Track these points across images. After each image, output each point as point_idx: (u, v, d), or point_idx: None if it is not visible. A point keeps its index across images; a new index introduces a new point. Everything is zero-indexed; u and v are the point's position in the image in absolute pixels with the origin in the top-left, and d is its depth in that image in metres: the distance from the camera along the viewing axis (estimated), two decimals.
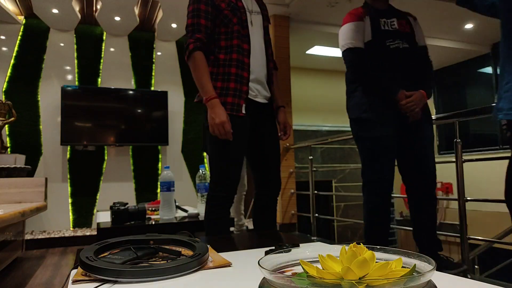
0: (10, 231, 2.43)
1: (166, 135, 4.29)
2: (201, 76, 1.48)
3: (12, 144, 3.82)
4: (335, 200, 5.49)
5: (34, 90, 3.96)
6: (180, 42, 4.63)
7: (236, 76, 1.51)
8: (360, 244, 0.48)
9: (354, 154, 5.80)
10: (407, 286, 0.39)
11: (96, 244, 0.80)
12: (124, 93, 4.19)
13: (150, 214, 2.03)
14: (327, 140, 3.77)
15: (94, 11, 3.99)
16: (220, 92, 1.50)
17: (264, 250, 0.88)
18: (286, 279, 0.43)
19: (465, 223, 2.00)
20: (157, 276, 0.68)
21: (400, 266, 0.45)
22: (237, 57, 1.52)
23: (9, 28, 3.95)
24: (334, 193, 5.35)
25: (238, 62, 1.52)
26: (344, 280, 0.41)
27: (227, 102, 1.49)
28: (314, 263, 0.46)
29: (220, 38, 1.55)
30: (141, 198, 4.21)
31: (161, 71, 4.51)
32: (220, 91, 1.50)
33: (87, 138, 3.98)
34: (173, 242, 0.88)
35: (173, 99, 4.46)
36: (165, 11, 3.97)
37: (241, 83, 1.52)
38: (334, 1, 3.95)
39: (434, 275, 0.43)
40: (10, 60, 3.91)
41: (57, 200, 3.91)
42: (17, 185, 2.64)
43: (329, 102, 5.97)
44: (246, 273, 0.72)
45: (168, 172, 1.83)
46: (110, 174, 4.15)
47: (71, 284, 0.66)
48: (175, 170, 4.37)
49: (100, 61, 4.27)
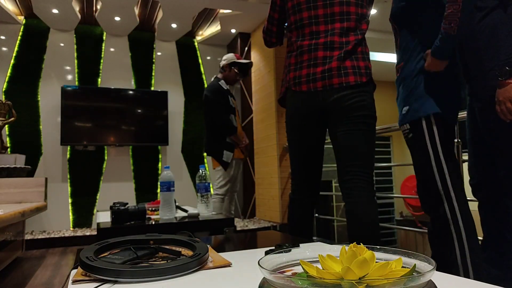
0: (10, 231, 2.43)
1: (166, 135, 4.29)
2: None
3: (12, 144, 3.82)
4: (335, 200, 5.49)
5: (34, 90, 3.96)
6: (180, 42, 4.63)
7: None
8: (360, 244, 0.48)
9: None
10: (407, 286, 0.39)
11: (96, 244, 0.80)
12: (124, 93, 4.19)
13: (150, 214, 2.03)
14: (327, 140, 3.77)
15: (94, 11, 3.99)
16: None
17: (264, 250, 0.88)
18: (286, 279, 0.43)
19: None
20: (157, 276, 0.68)
21: (400, 266, 0.45)
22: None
23: (9, 28, 3.95)
24: (334, 193, 5.35)
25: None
26: (344, 280, 0.41)
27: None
28: (314, 263, 0.46)
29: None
30: (141, 198, 4.22)
31: (161, 71, 4.51)
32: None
33: (87, 138, 3.98)
34: (173, 242, 0.88)
35: (173, 99, 4.46)
36: (165, 11, 3.97)
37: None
38: None
39: (434, 275, 0.43)
40: (10, 60, 3.91)
41: (57, 200, 3.91)
42: (17, 185, 2.64)
43: None
44: (246, 273, 0.72)
45: (168, 172, 1.83)
46: (110, 174, 4.15)
47: (71, 284, 0.66)
48: (175, 170, 4.37)
49: (100, 61, 4.27)
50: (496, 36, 1.23)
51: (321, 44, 1.46)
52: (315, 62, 1.47)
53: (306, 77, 1.48)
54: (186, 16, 4.09)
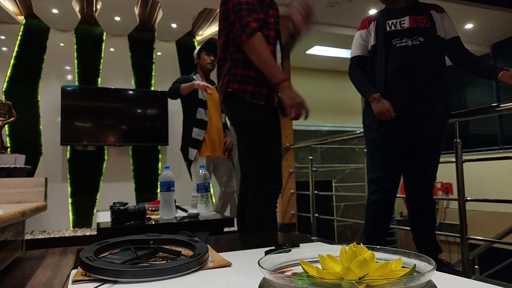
0: (10, 231, 2.43)
1: (166, 135, 4.29)
2: (269, 57, 1.38)
3: (12, 144, 3.82)
4: (335, 200, 5.49)
5: (34, 90, 3.96)
6: (180, 42, 4.63)
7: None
8: (360, 244, 0.48)
9: (354, 154, 5.80)
10: (407, 286, 0.39)
11: (96, 244, 0.80)
12: (124, 93, 4.19)
13: (150, 214, 2.03)
14: (327, 140, 3.77)
15: (94, 11, 3.99)
16: (254, 82, 1.46)
17: (264, 250, 0.88)
18: (286, 279, 0.43)
19: (465, 223, 2.00)
20: (157, 276, 0.68)
21: (400, 266, 0.45)
22: (273, 50, 1.48)
23: (9, 28, 3.95)
24: (334, 193, 5.36)
25: (273, 55, 1.48)
26: (344, 280, 0.41)
27: (261, 93, 1.47)
28: (314, 263, 0.46)
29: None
30: (141, 198, 4.21)
31: (161, 71, 4.51)
32: (254, 81, 1.46)
33: (87, 138, 3.98)
34: (173, 242, 0.88)
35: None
36: (165, 11, 3.97)
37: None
38: (334, 1, 3.95)
39: (434, 275, 0.43)
40: (10, 60, 3.91)
41: (57, 200, 3.91)
42: (17, 185, 2.64)
43: (329, 102, 5.97)
44: (246, 273, 0.72)
45: (168, 172, 1.83)
46: (110, 174, 4.15)
47: (71, 284, 0.66)
48: (175, 170, 4.37)
49: (100, 61, 4.27)
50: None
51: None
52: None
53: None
54: (186, 16, 4.09)
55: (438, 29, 1.76)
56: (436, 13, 1.79)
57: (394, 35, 1.76)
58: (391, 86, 1.74)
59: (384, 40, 1.77)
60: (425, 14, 1.77)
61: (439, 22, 1.78)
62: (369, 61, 1.86)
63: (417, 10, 1.79)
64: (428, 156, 1.76)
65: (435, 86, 1.72)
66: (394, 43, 1.75)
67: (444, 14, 1.81)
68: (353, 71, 1.90)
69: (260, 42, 1.37)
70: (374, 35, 1.81)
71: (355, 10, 4.15)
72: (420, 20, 1.75)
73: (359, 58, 1.89)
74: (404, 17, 1.77)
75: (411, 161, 1.79)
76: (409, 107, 1.73)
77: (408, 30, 1.75)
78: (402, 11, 1.80)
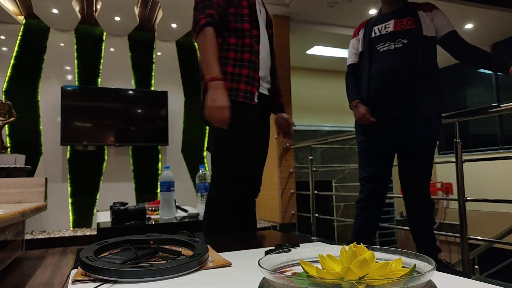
0: (10, 231, 2.43)
1: (166, 135, 4.29)
2: (209, 53, 1.33)
3: (12, 144, 3.82)
4: (335, 200, 5.49)
5: (34, 90, 3.96)
6: (180, 42, 4.63)
7: (249, 63, 1.42)
8: (360, 244, 0.48)
9: (354, 154, 5.79)
10: (407, 286, 0.39)
11: (96, 244, 0.80)
12: (124, 93, 4.19)
13: (150, 214, 2.03)
14: (327, 140, 3.77)
15: (94, 11, 3.99)
16: (231, 78, 1.39)
17: (264, 250, 0.88)
18: (286, 279, 0.43)
19: (465, 223, 2.00)
20: (157, 276, 0.68)
21: (400, 266, 0.45)
22: (250, 42, 1.42)
23: (9, 28, 3.95)
24: (334, 193, 5.35)
25: (251, 48, 1.43)
26: (344, 280, 0.41)
27: (239, 89, 1.39)
28: (314, 263, 0.46)
29: (229, 19, 1.42)
30: (141, 198, 4.21)
31: (161, 71, 4.51)
32: (231, 77, 1.40)
33: (87, 138, 3.98)
34: (173, 242, 0.88)
35: (173, 99, 4.46)
36: (165, 11, 3.97)
37: (254, 70, 1.43)
38: (334, 1, 3.95)
39: (434, 275, 0.43)
40: (10, 60, 3.91)
41: (57, 200, 3.91)
42: (17, 185, 2.64)
43: (329, 102, 5.97)
44: (246, 273, 0.72)
45: (168, 172, 1.83)
46: (110, 174, 4.15)
47: (71, 284, 0.66)
48: (175, 170, 4.37)
49: (100, 61, 4.27)
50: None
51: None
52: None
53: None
54: (186, 16, 4.09)
55: (425, 29, 1.72)
56: (424, 13, 1.75)
57: (379, 41, 1.79)
58: (373, 90, 1.79)
59: (368, 46, 1.84)
60: (412, 15, 1.74)
61: (427, 21, 1.73)
62: (358, 68, 1.94)
63: (404, 12, 1.77)
64: (417, 157, 1.74)
65: (421, 87, 1.70)
66: (378, 49, 1.79)
67: (436, 12, 1.76)
68: (346, 78, 2.00)
69: (204, 38, 1.34)
70: (362, 42, 1.90)
71: (355, 10, 4.15)
72: (405, 23, 1.74)
73: (352, 66, 1.98)
74: (390, 21, 1.78)
75: (401, 162, 1.81)
76: (391, 110, 1.76)
77: (391, 34, 1.76)
78: (388, 15, 1.82)
